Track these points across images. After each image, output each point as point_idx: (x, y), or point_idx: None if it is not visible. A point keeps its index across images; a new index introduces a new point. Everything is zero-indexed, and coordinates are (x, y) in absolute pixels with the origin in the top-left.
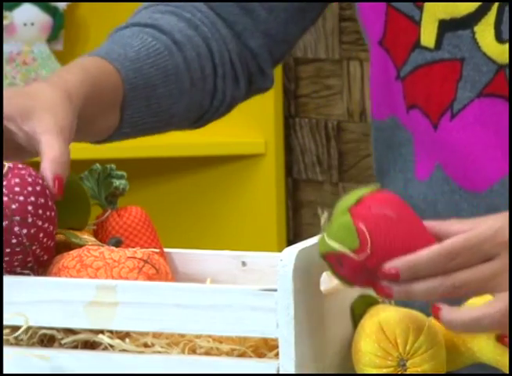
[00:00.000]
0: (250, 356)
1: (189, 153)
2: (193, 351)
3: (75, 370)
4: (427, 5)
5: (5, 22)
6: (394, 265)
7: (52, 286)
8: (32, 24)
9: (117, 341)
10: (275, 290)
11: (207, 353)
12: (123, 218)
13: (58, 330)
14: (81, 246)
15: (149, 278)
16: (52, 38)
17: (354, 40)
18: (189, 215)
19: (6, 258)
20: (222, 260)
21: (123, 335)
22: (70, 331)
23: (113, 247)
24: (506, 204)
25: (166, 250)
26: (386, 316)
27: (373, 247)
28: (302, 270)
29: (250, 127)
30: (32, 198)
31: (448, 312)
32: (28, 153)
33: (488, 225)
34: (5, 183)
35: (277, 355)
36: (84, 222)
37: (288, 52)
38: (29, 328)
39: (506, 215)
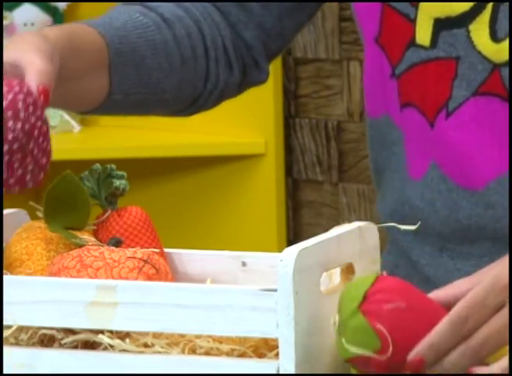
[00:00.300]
0: (250, 356)
1: (189, 153)
2: (193, 351)
3: (75, 371)
4: (422, 3)
5: (5, 22)
6: (416, 353)
7: (52, 286)
8: (32, 24)
9: (117, 342)
10: (276, 290)
11: (207, 353)
12: (123, 218)
13: (58, 330)
14: (80, 246)
15: (149, 278)
16: None
17: (354, 40)
18: (189, 215)
19: (6, 158)
20: (222, 260)
21: (123, 335)
22: (70, 331)
23: (113, 248)
24: (503, 202)
25: (166, 250)
26: None
27: (394, 343)
28: (302, 270)
29: (250, 127)
30: (21, 96)
31: (480, 370)
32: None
33: (487, 277)
34: None
35: (277, 355)
36: (84, 222)
37: (284, 47)
38: (29, 328)
39: (504, 259)
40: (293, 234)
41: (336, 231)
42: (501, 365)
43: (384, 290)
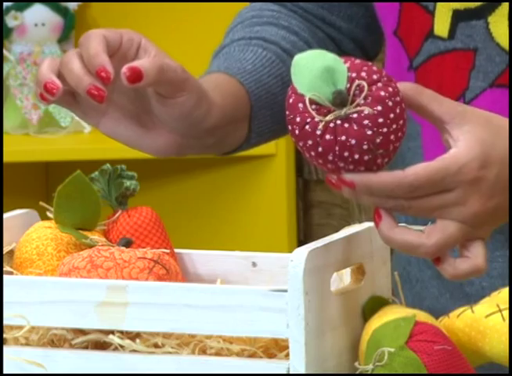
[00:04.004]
0: (261, 357)
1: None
2: (204, 351)
3: (86, 371)
4: None
5: (15, 22)
6: (351, 178)
7: (63, 286)
8: (43, 25)
9: (127, 342)
10: (286, 290)
11: (218, 354)
12: (133, 218)
13: (68, 330)
14: (91, 246)
15: (160, 278)
16: (62, 39)
17: None
18: (199, 215)
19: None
20: (233, 260)
21: (133, 336)
22: (80, 332)
23: (124, 248)
24: None
25: (176, 250)
26: (393, 317)
27: None
28: (313, 271)
29: None
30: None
31: (387, 226)
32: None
33: (456, 158)
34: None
35: (287, 355)
36: (94, 223)
37: (381, 46)
38: (39, 329)
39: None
40: (304, 234)
41: (346, 231)
42: (408, 240)
43: (428, 331)
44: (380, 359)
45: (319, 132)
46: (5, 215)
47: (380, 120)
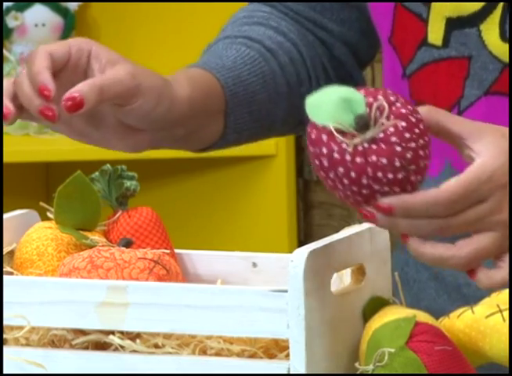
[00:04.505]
0: (261, 357)
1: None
2: (204, 352)
3: (86, 371)
4: (434, 3)
5: (16, 23)
6: (387, 200)
7: (63, 287)
8: (43, 25)
9: (127, 342)
10: (286, 291)
11: (218, 354)
12: (133, 218)
13: (68, 330)
14: (91, 247)
15: (160, 279)
16: (63, 39)
17: None
18: (199, 215)
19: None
20: (233, 261)
21: (134, 336)
22: (80, 332)
23: (124, 248)
24: None
25: (176, 251)
26: (393, 317)
27: None
28: (313, 271)
29: None
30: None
31: (416, 242)
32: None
33: (484, 166)
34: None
35: (288, 356)
36: (94, 223)
37: (376, 52)
38: (40, 329)
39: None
40: (304, 235)
41: (346, 232)
42: (440, 253)
43: (428, 332)
44: (381, 359)
45: (348, 157)
46: (6, 216)
47: (407, 135)
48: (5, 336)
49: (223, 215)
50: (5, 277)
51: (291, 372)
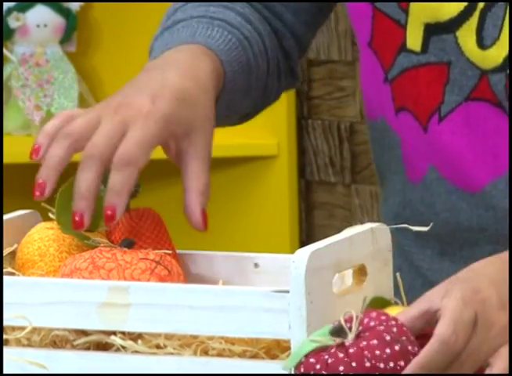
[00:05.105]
0: (263, 358)
1: None
2: (206, 352)
3: (87, 372)
4: (412, 8)
5: (17, 23)
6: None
7: (65, 287)
8: (45, 26)
9: (129, 343)
10: (288, 291)
11: (220, 355)
12: (135, 219)
13: (70, 331)
14: (93, 247)
15: (162, 279)
16: (64, 40)
17: None
18: None
19: None
20: (235, 261)
21: (135, 337)
22: (82, 333)
23: (126, 249)
24: (503, 204)
25: (178, 251)
26: None
27: None
28: (314, 272)
29: (263, 128)
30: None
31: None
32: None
33: (455, 290)
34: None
35: (289, 356)
36: (96, 224)
37: (305, 52)
38: (41, 329)
39: (470, 268)
40: (306, 235)
41: (348, 232)
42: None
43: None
44: None
45: (341, 354)
46: (7, 216)
47: (383, 317)
48: (6, 337)
49: (225, 215)
50: (7, 278)
51: (293, 373)
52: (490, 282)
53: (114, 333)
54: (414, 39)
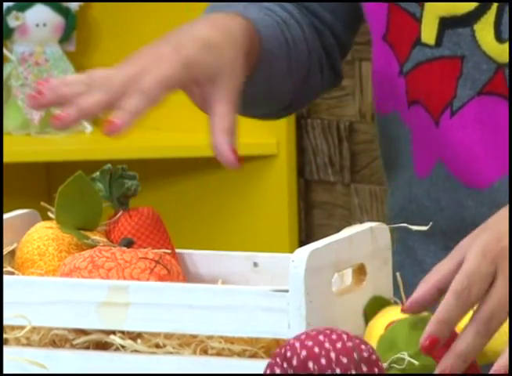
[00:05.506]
0: (262, 357)
1: (200, 153)
2: (205, 352)
3: (87, 371)
4: (427, 3)
5: (17, 23)
6: (427, 334)
7: (64, 287)
8: (44, 25)
9: (128, 342)
10: (287, 291)
11: (219, 354)
12: (134, 218)
13: (69, 330)
14: (92, 247)
15: (161, 279)
16: (64, 39)
17: (366, 41)
18: (200, 215)
19: None
20: (234, 261)
21: (134, 336)
22: (81, 332)
23: (125, 248)
24: (508, 202)
25: (177, 251)
26: (394, 317)
27: None
28: (314, 271)
29: (262, 128)
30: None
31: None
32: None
33: (474, 248)
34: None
35: None
36: (95, 223)
37: (349, 50)
38: (41, 329)
39: (484, 226)
40: (305, 235)
41: (347, 232)
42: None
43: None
44: (398, 362)
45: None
46: (7, 216)
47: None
48: (6, 336)
49: (224, 214)
50: (6, 277)
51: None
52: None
53: (114, 332)
54: (429, 33)
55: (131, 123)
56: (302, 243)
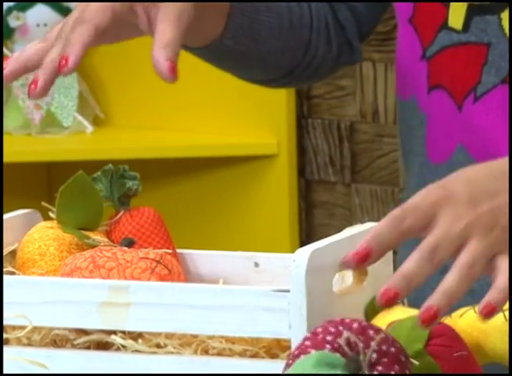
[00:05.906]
0: (263, 357)
1: (201, 153)
2: (206, 352)
3: (88, 371)
4: None
5: (17, 23)
6: (387, 286)
7: (65, 286)
8: (45, 25)
9: (129, 342)
10: (288, 291)
11: (220, 354)
12: (135, 218)
13: (70, 330)
14: (93, 247)
15: (162, 279)
16: None
17: (367, 41)
18: (201, 215)
19: None
20: (235, 261)
21: (135, 336)
22: (82, 332)
23: (126, 248)
24: None
25: (178, 250)
26: (395, 317)
27: None
28: (315, 271)
29: (263, 127)
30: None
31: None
32: (139, 33)
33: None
34: None
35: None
36: (96, 223)
37: (374, 28)
38: (41, 329)
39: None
40: (306, 235)
41: (348, 232)
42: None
43: (446, 334)
44: None
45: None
46: (7, 215)
47: (390, 337)
48: (6, 336)
49: (225, 214)
50: (7, 277)
51: None
52: (465, 181)
53: (115, 332)
54: (456, 17)
55: (82, 54)
56: (303, 243)
